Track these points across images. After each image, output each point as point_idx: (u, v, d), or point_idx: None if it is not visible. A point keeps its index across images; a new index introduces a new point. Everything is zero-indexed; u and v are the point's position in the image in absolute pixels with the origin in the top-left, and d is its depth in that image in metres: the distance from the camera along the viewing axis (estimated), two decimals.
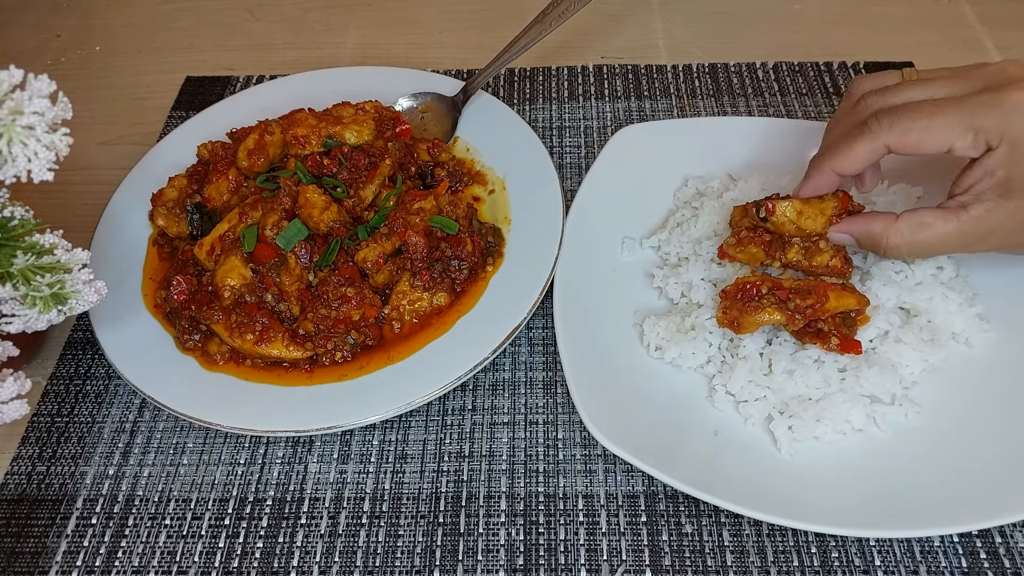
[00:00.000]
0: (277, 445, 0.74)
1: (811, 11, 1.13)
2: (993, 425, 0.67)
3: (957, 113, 0.62)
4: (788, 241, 0.71)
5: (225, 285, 0.75)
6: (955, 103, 0.63)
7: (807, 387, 0.69)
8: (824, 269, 0.70)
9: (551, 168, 0.86)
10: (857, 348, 0.69)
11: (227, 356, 0.75)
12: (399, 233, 0.78)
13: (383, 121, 0.89)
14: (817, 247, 0.70)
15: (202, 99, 1.05)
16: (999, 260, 0.75)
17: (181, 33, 1.17)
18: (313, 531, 0.68)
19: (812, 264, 0.70)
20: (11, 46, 1.16)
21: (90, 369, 0.80)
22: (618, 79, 1.05)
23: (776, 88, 1.02)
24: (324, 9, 1.19)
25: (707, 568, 0.65)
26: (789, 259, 0.71)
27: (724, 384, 0.71)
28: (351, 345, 0.74)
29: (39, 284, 0.59)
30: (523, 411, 0.75)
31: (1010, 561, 0.64)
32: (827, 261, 0.70)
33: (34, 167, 0.53)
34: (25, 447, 0.75)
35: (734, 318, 0.69)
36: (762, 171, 0.84)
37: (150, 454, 0.74)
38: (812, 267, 0.71)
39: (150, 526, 0.69)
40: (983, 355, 0.72)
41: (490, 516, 0.69)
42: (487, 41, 1.10)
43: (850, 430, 0.68)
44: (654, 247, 0.83)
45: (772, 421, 0.68)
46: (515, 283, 0.78)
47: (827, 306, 0.67)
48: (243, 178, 0.83)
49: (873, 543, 0.65)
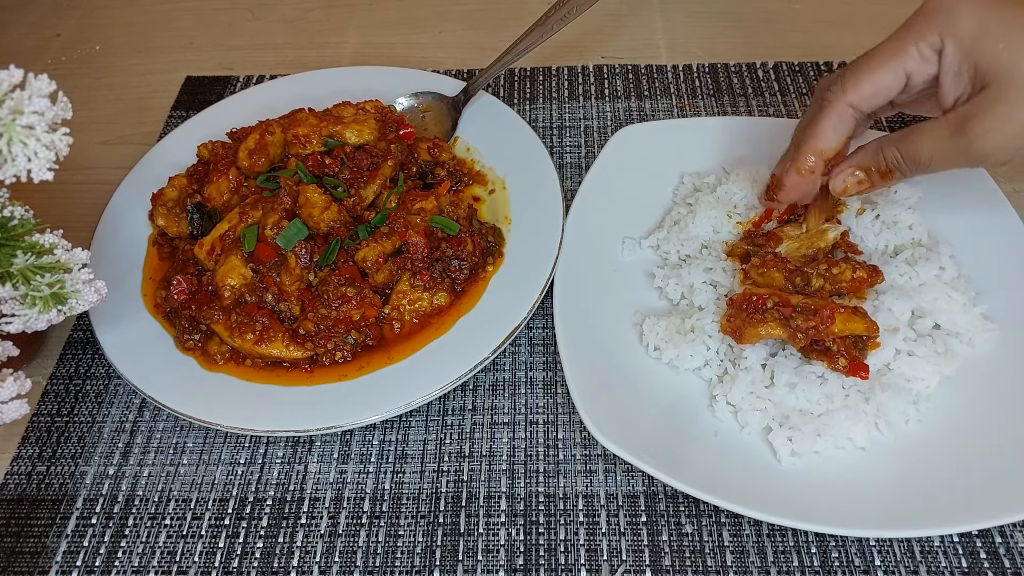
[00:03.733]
0: (277, 445, 0.74)
1: (811, 11, 1.13)
2: (993, 425, 0.67)
3: (892, 41, 0.62)
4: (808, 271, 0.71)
5: (225, 285, 0.75)
6: (888, 38, 0.63)
7: (808, 402, 0.69)
8: (852, 283, 0.70)
9: (551, 168, 0.86)
10: (864, 372, 0.68)
11: (227, 356, 0.75)
12: (400, 233, 0.78)
13: (387, 123, 0.89)
14: (834, 269, 0.70)
15: (202, 99, 1.05)
16: (999, 260, 0.75)
17: (181, 33, 1.17)
18: (313, 531, 0.68)
19: (839, 285, 0.70)
20: (11, 46, 1.16)
21: (90, 369, 0.80)
22: (618, 79, 1.05)
23: (776, 88, 1.02)
24: (324, 9, 1.19)
25: (707, 568, 0.65)
26: (815, 288, 0.71)
27: (725, 394, 0.70)
28: (351, 345, 0.74)
29: (39, 284, 0.59)
30: (523, 411, 0.75)
31: (1010, 561, 0.64)
32: (851, 276, 0.70)
33: (34, 167, 0.53)
34: (25, 447, 0.75)
35: (737, 327, 0.69)
36: (751, 165, 0.84)
37: (150, 454, 0.74)
38: (840, 287, 0.70)
39: (150, 526, 0.69)
40: (983, 356, 0.72)
41: (490, 516, 0.69)
42: (487, 41, 1.10)
43: (851, 447, 0.67)
44: (653, 247, 0.83)
45: (771, 432, 0.68)
46: (515, 283, 0.78)
47: (832, 329, 0.67)
48: (243, 178, 0.83)
49: (873, 543, 0.65)
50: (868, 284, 0.71)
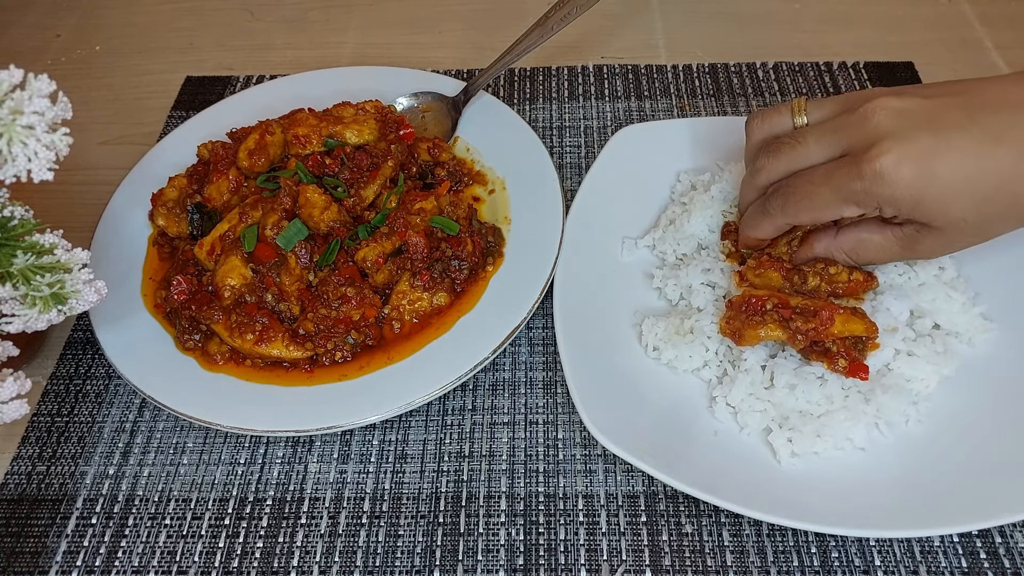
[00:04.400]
0: (277, 445, 0.74)
1: (811, 11, 1.13)
2: (993, 425, 0.67)
3: (829, 191, 0.64)
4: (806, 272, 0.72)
5: (225, 285, 0.75)
6: (826, 178, 0.64)
7: (808, 403, 0.69)
8: (849, 285, 0.70)
9: (551, 168, 0.86)
10: (864, 373, 0.68)
11: (227, 356, 0.75)
12: (399, 233, 0.78)
13: (387, 123, 0.89)
14: (831, 268, 0.71)
15: (202, 99, 1.05)
16: (998, 260, 0.75)
17: (181, 33, 1.17)
18: (313, 531, 0.68)
19: (835, 285, 0.71)
20: (11, 46, 1.16)
21: (90, 369, 0.80)
22: (618, 79, 1.05)
23: (776, 88, 1.02)
24: (324, 9, 1.19)
25: (707, 568, 0.65)
26: (811, 287, 0.71)
27: (724, 396, 0.70)
28: (351, 345, 0.74)
29: (39, 284, 0.59)
30: (523, 411, 0.75)
31: (1010, 561, 0.64)
32: (848, 278, 0.70)
33: (34, 167, 0.53)
34: (25, 447, 0.75)
35: (736, 329, 0.69)
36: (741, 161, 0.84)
37: (150, 454, 0.74)
38: (836, 287, 0.71)
39: (150, 526, 0.69)
40: (983, 356, 0.72)
41: (490, 516, 0.69)
42: (487, 41, 1.10)
43: (851, 448, 0.67)
44: (649, 246, 0.83)
45: (771, 433, 0.68)
46: (515, 283, 0.78)
47: (832, 330, 0.67)
48: (243, 178, 0.83)
49: (873, 543, 0.65)
50: (864, 288, 0.71)
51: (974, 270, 0.76)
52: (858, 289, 0.71)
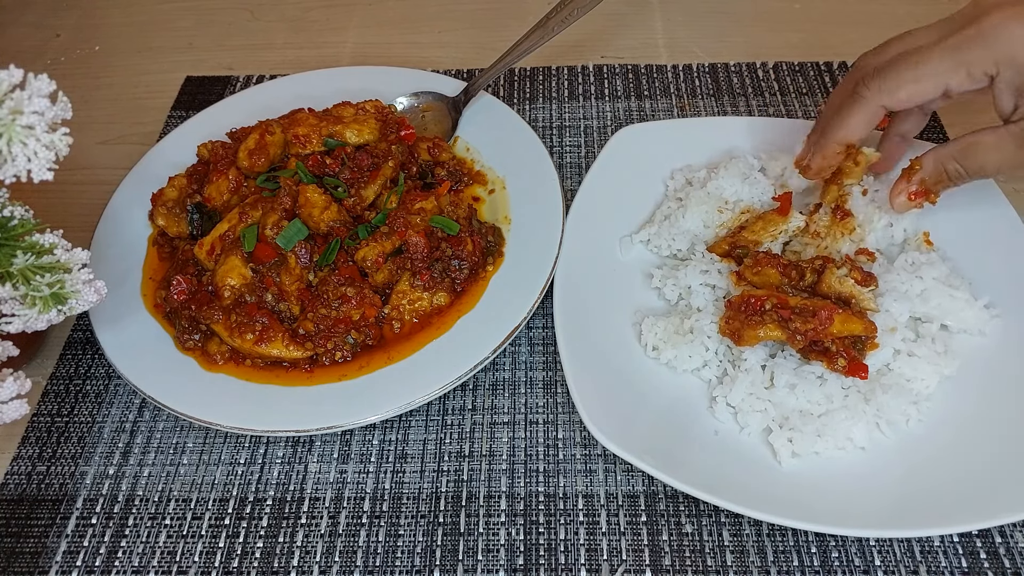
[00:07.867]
0: (277, 445, 0.74)
1: (811, 11, 1.13)
2: (993, 425, 0.67)
3: (941, 55, 0.62)
4: (803, 267, 0.72)
5: (225, 285, 0.75)
6: (937, 46, 0.63)
7: (808, 403, 0.69)
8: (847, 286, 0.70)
9: (551, 168, 0.86)
10: (863, 373, 0.68)
11: (227, 356, 0.75)
12: (400, 233, 0.78)
13: (388, 124, 0.89)
14: (831, 266, 0.70)
15: (202, 99, 1.05)
16: (1000, 260, 0.75)
17: (181, 33, 1.17)
18: (313, 531, 0.68)
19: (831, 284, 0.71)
20: (11, 46, 1.16)
21: (90, 369, 0.80)
22: (618, 79, 1.05)
23: (776, 88, 1.02)
24: (324, 9, 1.19)
25: (707, 568, 0.65)
26: (808, 284, 0.71)
27: (724, 396, 0.70)
28: (351, 345, 0.74)
29: (39, 284, 0.59)
30: (523, 411, 0.75)
31: (1010, 561, 0.64)
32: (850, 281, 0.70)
33: (34, 167, 0.53)
34: (25, 447, 0.75)
35: (736, 329, 0.69)
36: (740, 159, 0.84)
37: (150, 454, 0.74)
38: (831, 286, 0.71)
39: (150, 526, 0.69)
40: (983, 356, 0.72)
41: (490, 516, 0.69)
42: (487, 41, 1.10)
43: (852, 447, 0.67)
44: (644, 241, 0.82)
45: (771, 433, 0.68)
46: (515, 283, 0.78)
47: (831, 330, 0.67)
48: (243, 178, 0.83)
49: (873, 543, 0.65)
50: (863, 286, 0.71)
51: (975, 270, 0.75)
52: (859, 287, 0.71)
